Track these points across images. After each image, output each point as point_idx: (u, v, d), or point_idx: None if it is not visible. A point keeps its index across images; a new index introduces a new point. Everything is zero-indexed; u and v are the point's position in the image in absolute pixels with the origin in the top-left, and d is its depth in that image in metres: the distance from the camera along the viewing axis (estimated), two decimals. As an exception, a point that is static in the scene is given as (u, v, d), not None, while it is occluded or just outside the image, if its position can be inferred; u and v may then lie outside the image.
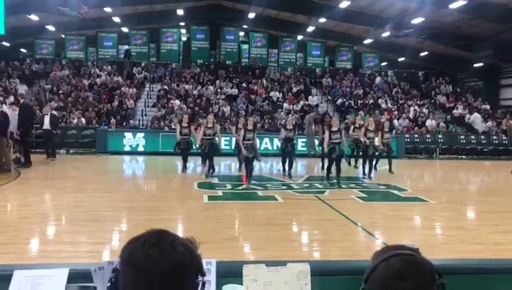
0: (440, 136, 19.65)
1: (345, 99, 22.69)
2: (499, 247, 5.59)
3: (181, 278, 1.01)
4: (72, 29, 25.37)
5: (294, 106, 21.49)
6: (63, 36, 26.58)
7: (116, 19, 24.61)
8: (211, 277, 1.68)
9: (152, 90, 22.75)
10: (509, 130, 20.44)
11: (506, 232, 6.42)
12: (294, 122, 12.41)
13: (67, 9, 19.39)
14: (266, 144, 16.99)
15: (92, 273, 1.55)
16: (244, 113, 18.44)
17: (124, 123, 19.14)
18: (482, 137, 20.05)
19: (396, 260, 1.10)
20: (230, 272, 1.75)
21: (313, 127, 17.18)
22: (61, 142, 16.36)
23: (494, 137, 20.12)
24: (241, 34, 28.39)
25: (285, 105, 21.63)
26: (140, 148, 17.04)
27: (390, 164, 12.80)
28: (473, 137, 19.92)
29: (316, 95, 23.45)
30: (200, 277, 1.05)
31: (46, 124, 14.12)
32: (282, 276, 1.73)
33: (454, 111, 22.58)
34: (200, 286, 1.05)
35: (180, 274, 1.01)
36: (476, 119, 21.19)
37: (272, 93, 22.62)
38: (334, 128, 10.95)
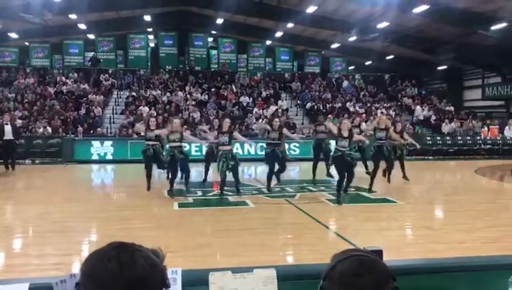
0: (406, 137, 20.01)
1: (314, 103, 22.94)
2: (464, 245, 5.75)
3: None
4: (36, 36, 24.76)
5: (264, 110, 21.58)
6: (27, 44, 25.94)
7: (82, 26, 24.18)
8: (176, 286, 1.67)
9: (120, 98, 22.44)
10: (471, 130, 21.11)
11: (470, 231, 6.60)
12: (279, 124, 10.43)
13: (31, 16, 18.96)
14: (237, 149, 16.97)
15: (54, 287, 1.52)
16: (219, 116, 18.22)
17: (92, 131, 18.80)
18: (447, 138, 20.60)
19: (354, 260, 1.15)
20: (197, 280, 1.74)
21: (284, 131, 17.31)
22: (26, 152, 15.94)
23: (459, 138, 20.69)
24: (210, 39, 28.35)
25: (255, 110, 21.70)
26: (109, 157, 16.77)
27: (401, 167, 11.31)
28: (438, 138, 20.44)
29: (286, 100, 23.63)
30: (165, 289, 1.04)
31: (8, 134, 13.67)
32: (249, 282, 1.73)
33: (419, 113, 23.13)
34: None
35: (140, 288, 0.99)
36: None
37: (241, 99, 22.66)
38: (345, 133, 8.87)
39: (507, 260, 1.98)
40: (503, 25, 18.36)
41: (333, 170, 10.03)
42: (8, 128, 13.71)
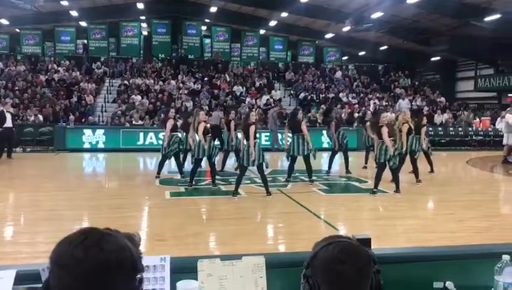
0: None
1: (307, 94, 22.92)
2: (454, 235, 5.80)
3: (109, 277, 0.97)
4: (27, 23, 24.48)
5: (258, 100, 21.54)
6: (18, 30, 25.64)
7: (74, 13, 23.90)
8: (165, 273, 1.67)
9: (112, 86, 22.28)
10: (464, 121, 21.22)
11: (461, 221, 6.66)
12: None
13: (21, 2, 18.70)
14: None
15: (41, 273, 1.51)
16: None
17: (83, 120, 18.69)
18: (440, 129, 20.69)
19: (335, 246, 1.18)
20: (185, 267, 1.74)
21: (277, 121, 17.32)
22: (17, 140, 15.83)
23: (451, 129, 20.80)
24: (203, 28, 28.16)
25: (248, 99, 21.65)
26: (101, 145, 16.68)
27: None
28: (430, 129, 20.51)
29: (279, 90, 23.59)
30: (137, 273, 1.02)
31: (9, 122, 13.62)
32: (237, 270, 1.74)
33: (413, 104, 23.19)
34: (136, 282, 1.02)
35: (107, 273, 0.97)
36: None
37: (235, 88, 22.58)
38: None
39: (493, 249, 1.99)
40: (497, 16, 18.38)
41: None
42: (9, 116, 13.66)
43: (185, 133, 10.14)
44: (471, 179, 12.20)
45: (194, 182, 9.19)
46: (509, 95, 23.10)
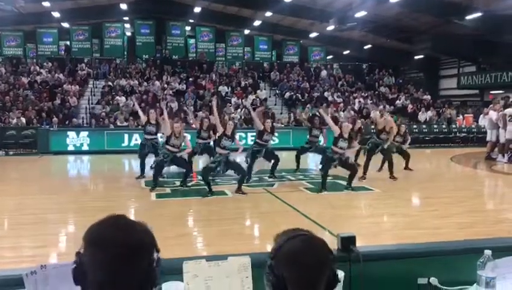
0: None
1: (292, 93, 22.99)
2: (438, 231, 5.86)
3: (135, 255, 1.14)
4: (8, 24, 24.10)
5: (243, 100, 21.53)
6: (-1, 32, 25.28)
7: (56, 14, 23.63)
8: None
9: (96, 87, 22.08)
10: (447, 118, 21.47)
11: (445, 217, 6.74)
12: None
13: (1, 3, 18.45)
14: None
15: (24, 278, 1.49)
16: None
17: (67, 122, 18.48)
18: (424, 126, 20.91)
19: (298, 240, 1.29)
20: (171, 269, 1.74)
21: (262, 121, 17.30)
22: (-1, 144, 15.63)
23: (435, 126, 21.03)
24: (188, 28, 28.07)
25: (234, 100, 21.63)
26: (85, 148, 16.51)
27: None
28: (415, 126, 20.73)
29: (264, 89, 23.61)
30: (155, 253, 1.19)
31: None
32: (223, 270, 1.74)
33: (397, 102, 23.42)
34: (155, 260, 1.19)
35: (134, 251, 1.14)
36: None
37: (220, 88, 22.54)
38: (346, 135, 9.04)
39: (475, 244, 2.03)
40: (478, 14, 18.65)
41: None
42: None
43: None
44: (455, 175, 12.35)
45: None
46: (491, 92, 23.45)
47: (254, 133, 17.33)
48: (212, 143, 10.65)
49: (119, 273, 1.12)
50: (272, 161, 10.49)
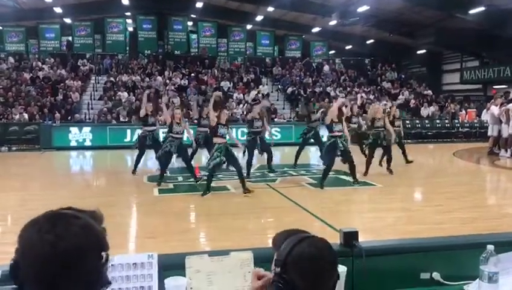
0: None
1: (294, 88, 22.95)
2: (441, 226, 5.86)
3: (78, 258, 1.01)
4: (10, 20, 24.12)
5: (245, 95, 21.51)
6: (0, 28, 25.25)
7: (58, 10, 23.61)
8: (152, 270, 1.66)
9: (98, 83, 22.09)
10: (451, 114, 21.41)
11: (448, 212, 6.73)
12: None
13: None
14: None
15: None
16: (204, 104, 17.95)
17: (69, 117, 18.50)
18: (426, 121, 20.86)
19: (304, 245, 1.26)
20: (174, 264, 1.74)
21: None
22: (2, 139, 15.64)
23: (438, 121, 20.99)
24: (190, 23, 27.99)
25: (236, 95, 21.61)
26: (88, 143, 16.55)
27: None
28: (417, 121, 20.69)
29: (267, 84, 23.58)
30: (102, 251, 1.06)
31: None
32: (225, 265, 1.74)
33: (400, 97, 23.35)
34: (103, 260, 1.05)
35: (77, 255, 1.00)
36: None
37: (222, 83, 22.51)
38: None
39: (478, 239, 2.02)
40: (481, 9, 18.54)
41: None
42: None
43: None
44: (457, 170, 12.32)
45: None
46: (494, 87, 23.35)
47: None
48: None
49: (54, 284, 0.99)
50: (266, 155, 10.46)
